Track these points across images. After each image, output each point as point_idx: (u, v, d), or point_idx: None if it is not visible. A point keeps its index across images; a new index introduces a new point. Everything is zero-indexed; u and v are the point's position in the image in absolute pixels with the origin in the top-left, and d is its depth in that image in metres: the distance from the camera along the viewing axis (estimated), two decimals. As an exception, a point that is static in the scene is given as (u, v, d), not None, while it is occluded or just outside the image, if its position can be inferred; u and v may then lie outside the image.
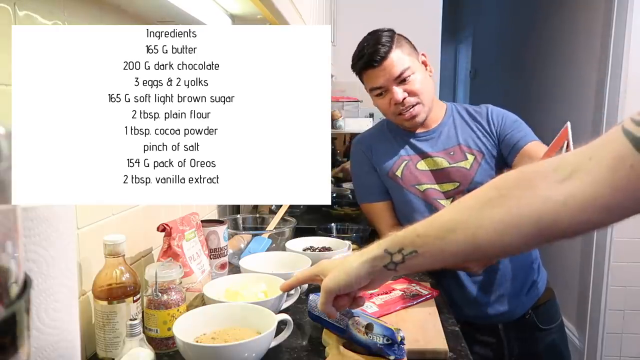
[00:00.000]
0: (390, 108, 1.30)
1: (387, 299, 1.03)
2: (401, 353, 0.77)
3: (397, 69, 1.25)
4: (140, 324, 0.73)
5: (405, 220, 1.37)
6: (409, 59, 1.27)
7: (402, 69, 1.25)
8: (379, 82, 1.27)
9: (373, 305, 1.00)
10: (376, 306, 0.99)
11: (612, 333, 2.50)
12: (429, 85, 1.31)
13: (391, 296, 1.05)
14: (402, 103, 1.27)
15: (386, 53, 1.25)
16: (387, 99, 1.29)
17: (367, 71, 1.28)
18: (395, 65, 1.25)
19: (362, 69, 1.29)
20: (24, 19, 0.68)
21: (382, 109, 1.33)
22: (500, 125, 1.32)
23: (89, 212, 0.84)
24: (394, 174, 1.34)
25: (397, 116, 1.31)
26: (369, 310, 0.97)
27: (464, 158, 1.30)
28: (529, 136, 1.28)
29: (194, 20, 1.02)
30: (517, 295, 1.30)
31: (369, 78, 1.29)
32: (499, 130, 1.32)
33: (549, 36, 3.22)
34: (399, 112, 1.30)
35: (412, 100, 1.28)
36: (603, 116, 2.50)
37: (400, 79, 1.26)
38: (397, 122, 1.34)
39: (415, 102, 1.28)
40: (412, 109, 1.29)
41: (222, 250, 1.16)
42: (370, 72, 1.28)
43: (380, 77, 1.27)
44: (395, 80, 1.26)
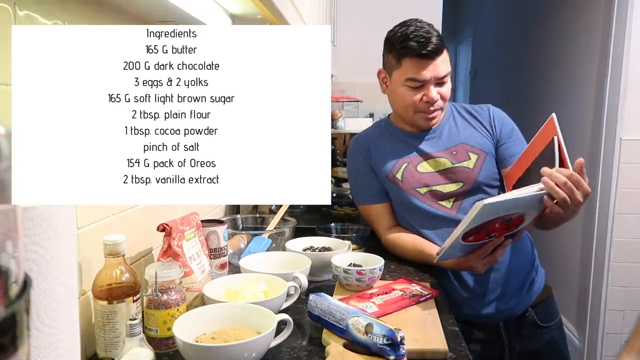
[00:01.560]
0: (417, 104, 1.27)
1: (387, 299, 1.03)
2: (401, 353, 0.77)
3: (444, 69, 1.24)
4: (140, 324, 0.73)
5: (404, 221, 1.37)
6: (449, 66, 1.27)
7: (447, 72, 1.25)
8: (424, 75, 1.23)
9: (373, 305, 1.00)
10: (376, 306, 0.99)
11: (612, 333, 2.50)
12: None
13: (391, 296, 1.05)
14: (431, 104, 1.26)
15: (440, 49, 1.22)
16: (420, 94, 1.26)
17: (413, 58, 1.22)
18: (445, 64, 1.25)
19: (408, 54, 1.23)
20: (24, 19, 0.68)
21: (405, 100, 1.28)
22: (501, 131, 1.33)
23: (89, 212, 0.84)
24: (394, 176, 1.33)
25: (418, 113, 1.29)
26: (368, 310, 0.96)
27: (467, 157, 1.30)
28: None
29: (194, 20, 1.02)
30: (517, 294, 1.31)
31: (413, 66, 1.23)
32: (498, 135, 1.33)
33: (549, 36, 3.22)
34: (423, 110, 1.28)
35: (440, 105, 1.28)
36: (603, 116, 2.50)
37: (442, 79, 1.25)
38: (411, 119, 1.31)
39: (441, 107, 1.29)
40: (436, 112, 1.29)
41: (222, 250, 1.16)
42: (418, 61, 1.22)
43: (427, 70, 1.22)
44: (438, 79, 1.25)
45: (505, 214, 1.04)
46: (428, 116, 1.29)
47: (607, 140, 2.48)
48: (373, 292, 1.07)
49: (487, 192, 1.30)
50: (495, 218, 1.03)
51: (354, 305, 0.96)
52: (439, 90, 1.26)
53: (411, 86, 1.26)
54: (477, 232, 1.06)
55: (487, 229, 1.06)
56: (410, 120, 1.33)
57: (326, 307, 0.89)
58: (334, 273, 1.12)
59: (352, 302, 1.00)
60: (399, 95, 1.29)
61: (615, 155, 2.42)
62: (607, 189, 2.46)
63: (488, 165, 1.30)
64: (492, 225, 1.05)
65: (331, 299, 0.91)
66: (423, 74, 1.23)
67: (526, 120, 1.36)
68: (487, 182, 1.30)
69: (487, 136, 1.33)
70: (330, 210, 1.71)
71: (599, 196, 2.51)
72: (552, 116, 1.09)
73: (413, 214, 1.33)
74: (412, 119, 1.32)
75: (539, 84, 3.38)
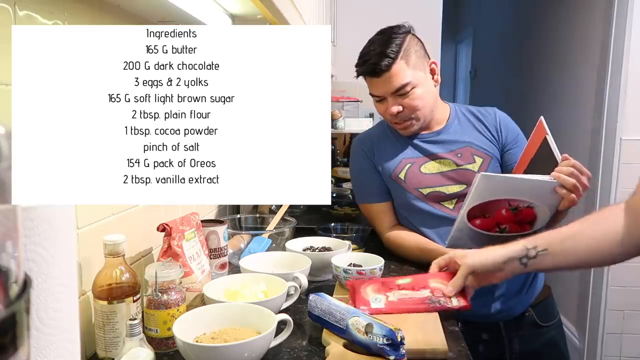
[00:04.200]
0: (385, 115, 1.33)
1: (407, 297, 0.99)
2: (401, 353, 0.77)
3: (395, 84, 1.25)
4: (140, 324, 0.73)
5: (406, 221, 1.37)
6: (412, 73, 1.26)
7: (401, 84, 1.25)
8: (378, 91, 1.29)
9: (383, 300, 0.98)
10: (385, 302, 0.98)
11: (612, 333, 2.50)
12: (429, 97, 1.30)
13: (414, 295, 1.00)
14: (395, 116, 1.29)
15: (388, 66, 1.24)
16: (384, 108, 1.31)
17: (367, 77, 1.30)
18: (396, 79, 1.25)
19: (363, 74, 1.30)
20: (24, 19, 0.68)
21: (379, 113, 1.35)
22: (507, 136, 1.34)
23: (89, 212, 0.84)
24: (397, 176, 1.34)
25: (392, 123, 1.34)
26: (374, 305, 0.96)
27: (471, 160, 1.30)
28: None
29: (194, 20, 1.02)
30: (517, 294, 1.31)
31: (370, 84, 1.31)
32: (504, 141, 1.33)
33: (549, 36, 3.22)
34: (392, 122, 1.33)
35: (407, 114, 1.29)
36: (603, 116, 2.50)
37: (398, 93, 1.26)
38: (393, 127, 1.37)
39: (410, 116, 1.29)
40: (405, 122, 1.31)
41: (222, 250, 1.16)
42: (370, 80, 1.29)
43: (379, 87, 1.28)
44: (393, 93, 1.27)
45: (510, 198, 1.07)
46: (398, 127, 1.33)
47: (607, 140, 2.47)
48: (401, 283, 1.03)
49: None
50: (498, 200, 1.06)
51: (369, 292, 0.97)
52: (402, 101, 1.27)
53: (376, 100, 1.32)
54: (482, 214, 1.09)
55: (493, 213, 1.08)
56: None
57: (326, 307, 0.89)
58: (334, 273, 1.12)
59: (369, 289, 1.00)
60: (375, 106, 1.37)
61: (615, 155, 2.42)
62: (607, 189, 2.46)
63: (492, 170, 1.30)
64: (498, 210, 1.08)
65: (331, 299, 0.91)
66: (377, 90, 1.29)
67: (526, 121, 1.36)
68: None
69: (492, 140, 1.33)
70: (330, 210, 1.71)
71: (599, 196, 2.51)
72: (541, 119, 1.15)
73: (415, 214, 1.33)
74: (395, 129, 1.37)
75: (539, 84, 3.38)
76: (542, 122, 1.14)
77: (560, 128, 2.98)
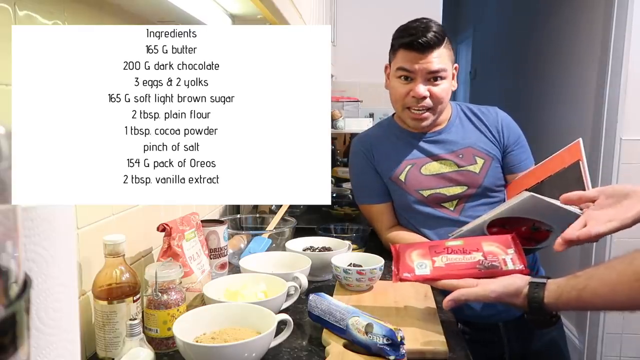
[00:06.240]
0: (404, 98, 1.26)
1: (455, 262, 0.94)
2: (401, 353, 0.77)
3: (436, 65, 1.22)
4: (140, 324, 0.73)
5: (406, 222, 1.37)
6: (449, 63, 1.25)
7: (441, 67, 1.22)
8: (413, 66, 1.22)
9: (429, 265, 0.93)
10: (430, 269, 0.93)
11: (612, 333, 2.50)
12: (448, 96, 1.29)
13: (463, 260, 0.94)
14: (418, 100, 1.24)
15: (437, 43, 1.20)
16: (408, 88, 1.25)
17: (406, 50, 1.23)
18: (438, 60, 1.22)
19: (402, 46, 1.23)
20: (24, 19, 0.68)
21: (395, 94, 1.28)
22: (508, 138, 1.33)
23: (89, 212, 0.84)
24: (397, 177, 1.33)
25: (406, 110, 1.28)
26: (419, 271, 0.92)
27: (473, 162, 1.30)
28: (529, 160, 1.32)
29: (194, 20, 1.02)
30: (517, 295, 1.30)
31: (405, 57, 1.23)
32: (506, 142, 1.32)
33: (549, 36, 3.22)
34: (409, 106, 1.27)
35: (428, 104, 1.25)
36: (603, 116, 2.50)
37: (433, 75, 1.23)
38: (401, 115, 1.31)
39: (430, 106, 1.26)
40: (424, 112, 1.26)
41: (222, 250, 1.16)
42: (409, 52, 1.22)
43: (418, 63, 1.22)
44: (427, 74, 1.22)
45: (539, 219, 1.03)
46: (415, 115, 1.27)
47: (607, 140, 2.47)
48: (451, 245, 0.98)
49: (491, 196, 1.31)
50: (528, 218, 1.02)
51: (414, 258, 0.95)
52: (431, 88, 1.23)
53: (400, 76, 1.25)
54: (502, 225, 1.05)
55: (513, 228, 1.04)
56: (401, 117, 1.33)
57: (326, 307, 0.89)
58: (334, 273, 1.12)
59: (414, 254, 0.96)
60: (392, 87, 1.30)
61: (615, 155, 2.41)
62: (607, 189, 2.46)
63: (493, 171, 1.30)
64: (519, 227, 1.04)
65: (331, 299, 0.91)
66: (412, 65, 1.22)
67: (526, 121, 1.36)
68: (491, 186, 1.30)
69: (493, 141, 1.32)
70: (330, 210, 1.71)
71: (599, 196, 2.51)
72: (579, 141, 1.09)
73: (415, 215, 1.33)
74: (402, 116, 1.31)
75: (539, 84, 3.38)
76: (579, 145, 1.08)
77: (560, 128, 2.98)
